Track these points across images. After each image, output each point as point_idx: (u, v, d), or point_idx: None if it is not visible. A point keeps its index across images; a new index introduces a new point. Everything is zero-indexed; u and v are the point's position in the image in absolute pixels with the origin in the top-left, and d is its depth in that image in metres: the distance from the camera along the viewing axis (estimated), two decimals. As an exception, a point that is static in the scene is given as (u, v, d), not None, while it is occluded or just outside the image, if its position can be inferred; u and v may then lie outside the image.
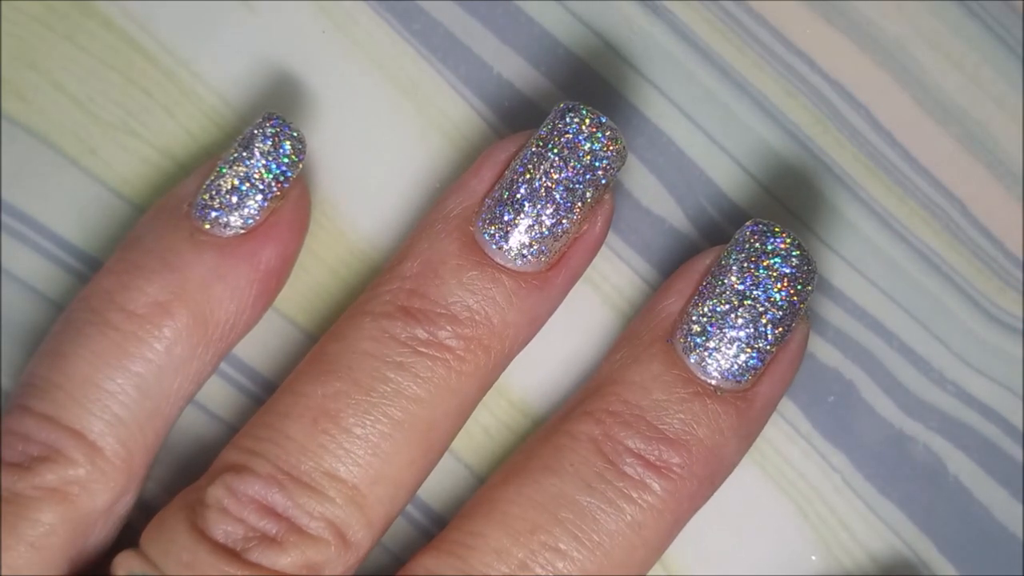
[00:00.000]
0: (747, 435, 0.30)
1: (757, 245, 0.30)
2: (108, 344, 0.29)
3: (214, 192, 0.30)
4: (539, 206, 0.30)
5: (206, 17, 0.34)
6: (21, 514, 0.28)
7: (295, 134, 0.31)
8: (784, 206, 0.34)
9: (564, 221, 0.30)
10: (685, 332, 0.30)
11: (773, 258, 0.30)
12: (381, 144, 0.34)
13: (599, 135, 0.30)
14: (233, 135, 0.33)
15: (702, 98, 0.34)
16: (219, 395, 0.33)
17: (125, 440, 0.29)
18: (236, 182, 0.30)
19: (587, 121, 0.30)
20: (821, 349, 0.33)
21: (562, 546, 0.29)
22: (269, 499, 0.29)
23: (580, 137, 0.30)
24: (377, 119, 0.34)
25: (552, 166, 0.30)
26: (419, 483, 0.30)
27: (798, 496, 0.33)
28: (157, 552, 0.29)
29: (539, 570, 0.28)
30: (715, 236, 0.33)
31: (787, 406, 0.33)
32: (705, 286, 0.30)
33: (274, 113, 0.31)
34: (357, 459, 0.29)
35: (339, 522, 0.29)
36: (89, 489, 0.29)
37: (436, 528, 0.32)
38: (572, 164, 0.30)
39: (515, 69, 0.34)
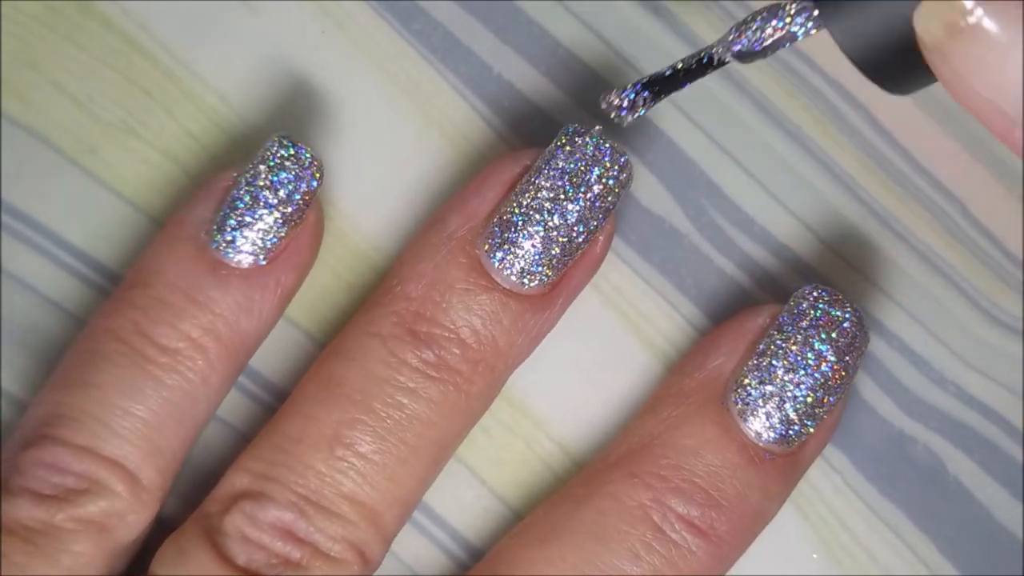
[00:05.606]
0: (788, 494, 0.31)
1: (819, 314, 0.30)
2: (145, 377, 0.30)
3: (232, 222, 0.30)
4: (547, 232, 0.30)
5: (206, 17, 0.34)
6: (61, 547, 0.28)
7: (311, 158, 0.30)
8: (784, 206, 0.33)
9: (570, 247, 0.30)
10: (741, 397, 0.30)
11: (833, 329, 0.30)
12: (381, 144, 0.34)
13: (608, 162, 0.30)
14: (234, 135, 0.33)
15: (702, 98, 0.34)
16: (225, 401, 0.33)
17: (162, 469, 0.30)
18: (254, 211, 0.30)
19: (596, 147, 0.30)
20: (821, 349, 0.33)
21: None
22: (290, 525, 0.29)
23: (590, 164, 0.30)
24: (377, 119, 0.34)
25: (561, 193, 0.30)
26: (425, 492, 0.31)
27: (798, 496, 0.33)
28: None
29: None
30: (715, 236, 0.33)
31: (787, 406, 0.33)
32: (761, 349, 0.30)
33: (287, 136, 0.30)
34: (375, 484, 0.29)
35: (359, 543, 0.29)
36: (126, 520, 0.29)
37: (434, 528, 0.32)
38: (581, 191, 0.30)
39: (515, 69, 0.34)
